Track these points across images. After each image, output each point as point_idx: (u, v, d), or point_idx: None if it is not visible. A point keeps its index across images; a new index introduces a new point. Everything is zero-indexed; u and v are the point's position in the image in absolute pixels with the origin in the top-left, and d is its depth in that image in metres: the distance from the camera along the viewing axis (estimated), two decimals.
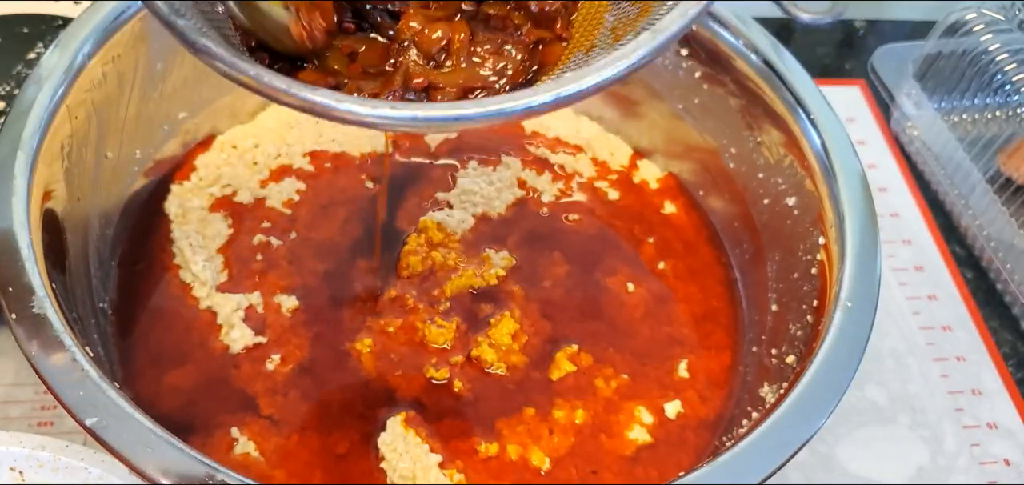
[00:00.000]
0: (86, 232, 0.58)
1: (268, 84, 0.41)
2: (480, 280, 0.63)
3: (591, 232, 0.68)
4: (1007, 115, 0.82)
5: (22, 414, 0.59)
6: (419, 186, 0.69)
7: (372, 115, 0.42)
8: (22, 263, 0.49)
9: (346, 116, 0.42)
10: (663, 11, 0.45)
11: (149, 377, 0.57)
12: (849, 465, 0.63)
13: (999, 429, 0.66)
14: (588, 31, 0.50)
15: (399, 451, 0.55)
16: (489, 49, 0.49)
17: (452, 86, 0.48)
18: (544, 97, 0.43)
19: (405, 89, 0.47)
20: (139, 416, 0.45)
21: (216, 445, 0.54)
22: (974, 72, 0.79)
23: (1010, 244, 0.73)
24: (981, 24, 0.78)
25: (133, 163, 0.64)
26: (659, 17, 0.45)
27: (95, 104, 0.59)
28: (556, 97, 0.42)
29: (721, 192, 0.69)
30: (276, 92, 0.41)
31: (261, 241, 0.64)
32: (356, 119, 0.42)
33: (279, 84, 0.41)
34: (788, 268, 0.62)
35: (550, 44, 0.50)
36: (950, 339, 0.71)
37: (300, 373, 0.58)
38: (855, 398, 0.66)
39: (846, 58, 0.93)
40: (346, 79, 0.47)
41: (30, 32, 0.71)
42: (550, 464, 0.56)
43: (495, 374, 0.59)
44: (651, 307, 0.64)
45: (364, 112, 0.42)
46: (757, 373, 0.59)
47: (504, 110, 0.43)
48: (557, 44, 0.51)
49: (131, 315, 0.60)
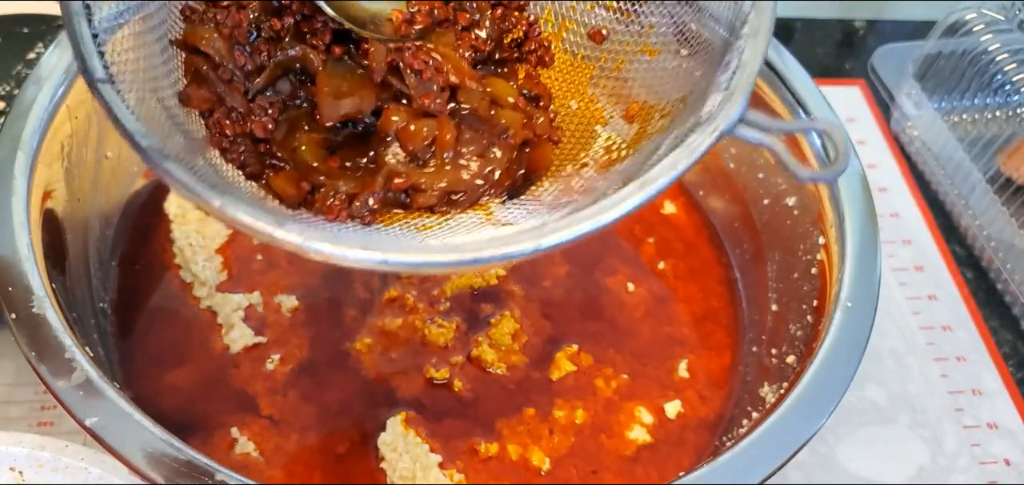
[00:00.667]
0: (86, 232, 0.58)
1: (231, 216, 0.39)
2: (480, 280, 0.63)
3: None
4: (1007, 115, 0.82)
5: (22, 414, 0.59)
6: None
7: (343, 255, 0.39)
8: (22, 263, 0.49)
9: (314, 255, 0.39)
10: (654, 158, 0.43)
11: (149, 377, 0.57)
12: (849, 465, 0.63)
13: (999, 429, 0.66)
14: (580, 143, 0.50)
15: (399, 451, 0.54)
16: (474, 150, 0.46)
17: (434, 188, 0.46)
18: (523, 246, 0.40)
19: (386, 190, 0.45)
20: (139, 416, 0.45)
21: (216, 445, 0.54)
22: (974, 72, 0.79)
23: (1010, 244, 0.73)
24: (981, 24, 0.78)
25: (133, 163, 0.64)
26: (650, 151, 0.44)
27: (95, 104, 0.59)
28: (535, 247, 0.40)
29: (721, 192, 0.69)
30: (244, 226, 0.39)
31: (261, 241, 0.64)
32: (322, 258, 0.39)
33: (243, 217, 0.39)
34: (788, 268, 0.62)
35: (538, 146, 0.49)
36: (950, 339, 0.71)
37: (300, 373, 0.58)
38: (855, 398, 0.66)
39: (846, 58, 0.93)
40: (322, 176, 0.45)
41: (30, 32, 0.70)
42: (550, 464, 0.56)
43: (495, 374, 0.59)
44: (651, 307, 0.64)
45: (334, 252, 0.39)
46: (757, 373, 0.59)
47: (480, 258, 0.41)
48: (546, 146, 0.49)
49: (131, 315, 0.60)
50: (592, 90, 0.51)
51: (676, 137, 0.43)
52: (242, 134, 0.45)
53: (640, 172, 0.42)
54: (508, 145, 0.47)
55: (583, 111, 0.51)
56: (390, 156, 0.46)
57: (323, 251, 0.39)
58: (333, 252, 0.39)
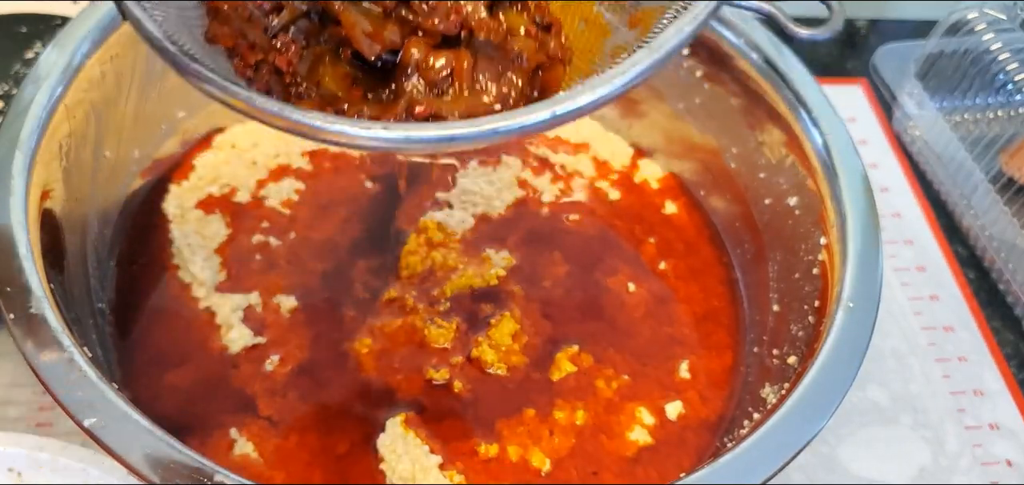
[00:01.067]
0: (84, 232, 0.58)
1: (260, 107, 0.42)
2: (480, 280, 0.63)
3: (592, 232, 0.68)
4: (1009, 115, 0.82)
5: (20, 415, 0.59)
6: (419, 186, 0.69)
7: (365, 136, 0.42)
8: (20, 263, 0.49)
9: (338, 138, 0.42)
10: (658, 29, 0.45)
11: (148, 378, 0.57)
12: (851, 466, 0.63)
13: (1001, 430, 0.66)
14: (587, 59, 0.51)
15: (399, 452, 0.54)
16: (490, 76, 0.48)
17: (454, 115, 0.47)
18: (540, 115, 0.43)
19: (408, 117, 0.47)
20: (137, 417, 0.45)
21: (215, 446, 0.54)
22: (976, 71, 0.79)
23: (1012, 244, 0.73)
24: (983, 23, 0.78)
25: (131, 163, 0.64)
26: (655, 35, 0.45)
27: (93, 103, 0.59)
28: (552, 115, 0.43)
29: (722, 192, 0.69)
30: (267, 116, 0.42)
31: (260, 241, 0.64)
32: (348, 140, 0.42)
33: (271, 107, 0.42)
34: (790, 268, 0.62)
35: (551, 68, 0.50)
36: (952, 339, 0.71)
37: (299, 374, 0.58)
38: (857, 398, 0.66)
39: (848, 57, 0.93)
40: (346, 104, 0.47)
41: (28, 31, 0.71)
42: (550, 465, 0.56)
43: (495, 375, 0.59)
44: (652, 307, 0.64)
45: (356, 133, 0.42)
46: (758, 373, 0.59)
47: (499, 129, 0.43)
48: (557, 67, 0.50)
49: (130, 315, 0.60)
50: (598, 8, 0.53)
51: (677, 9, 0.45)
52: (264, 61, 0.47)
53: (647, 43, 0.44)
54: (523, 69, 0.48)
55: (590, 29, 0.52)
56: (410, 86, 0.47)
57: (346, 131, 0.42)
58: (366, 135, 0.42)
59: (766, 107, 0.65)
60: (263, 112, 0.42)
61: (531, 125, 0.43)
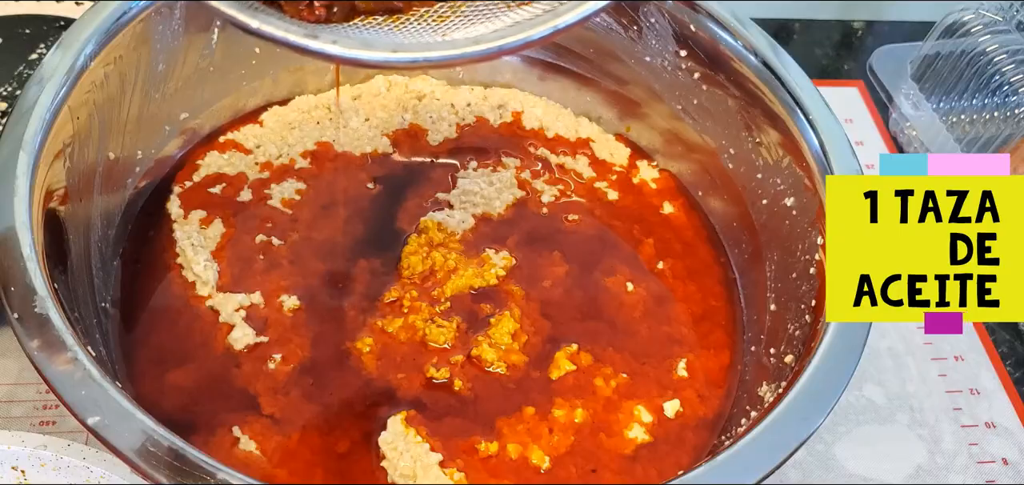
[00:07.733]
0: (88, 232, 0.59)
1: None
2: (480, 280, 0.63)
3: (590, 232, 0.68)
4: (1005, 116, 0.82)
5: (24, 413, 0.59)
6: (419, 186, 0.69)
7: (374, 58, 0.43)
8: (24, 263, 0.49)
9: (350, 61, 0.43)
10: None
11: (151, 376, 0.57)
12: (847, 464, 0.63)
13: (997, 428, 0.66)
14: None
15: (400, 450, 0.55)
16: None
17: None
18: (541, 28, 0.44)
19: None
20: (141, 415, 0.45)
21: (218, 444, 0.54)
22: (972, 73, 0.79)
23: None
24: (979, 25, 0.78)
25: (135, 163, 0.65)
26: None
27: (97, 105, 0.59)
28: (553, 28, 0.44)
29: (720, 192, 0.70)
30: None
31: (262, 241, 0.64)
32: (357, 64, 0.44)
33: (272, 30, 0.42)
34: (787, 268, 0.62)
35: None
36: (948, 339, 0.71)
37: (301, 372, 0.58)
38: (853, 397, 0.66)
39: (844, 59, 0.93)
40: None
41: (32, 33, 0.71)
42: (550, 463, 0.56)
43: (495, 373, 0.59)
44: (650, 307, 0.64)
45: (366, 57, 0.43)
46: (756, 372, 0.60)
47: (504, 45, 0.44)
48: None
49: (133, 315, 0.60)
50: None
51: None
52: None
53: None
54: None
55: None
56: None
57: (357, 56, 0.42)
58: (367, 56, 0.42)
59: (763, 108, 0.65)
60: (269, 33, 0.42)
61: (534, 37, 0.44)
